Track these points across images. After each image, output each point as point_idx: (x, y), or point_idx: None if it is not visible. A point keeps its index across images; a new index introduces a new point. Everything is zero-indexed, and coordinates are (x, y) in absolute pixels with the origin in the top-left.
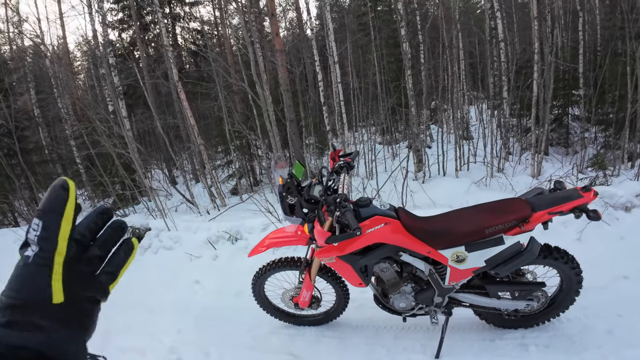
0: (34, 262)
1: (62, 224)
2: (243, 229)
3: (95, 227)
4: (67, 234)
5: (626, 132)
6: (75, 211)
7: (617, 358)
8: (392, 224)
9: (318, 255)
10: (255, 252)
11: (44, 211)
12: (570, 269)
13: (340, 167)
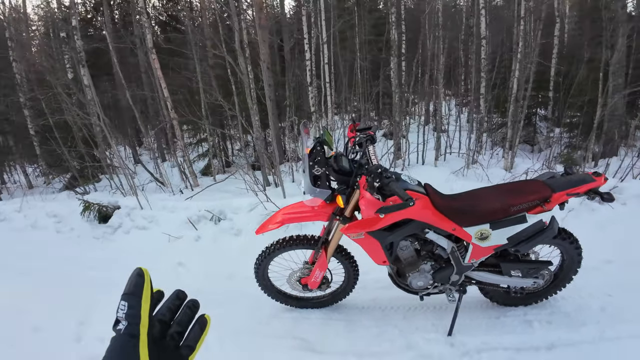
0: (125, 334)
1: (142, 303)
2: (228, 209)
3: (174, 307)
4: (147, 309)
5: (593, 134)
6: (151, 291)
7: (613, 332)
8: (422, 200)
9: (346, 231)
10: (264, 229)
11: (127, 294)
12: (574, 249)
13: (364, 139)
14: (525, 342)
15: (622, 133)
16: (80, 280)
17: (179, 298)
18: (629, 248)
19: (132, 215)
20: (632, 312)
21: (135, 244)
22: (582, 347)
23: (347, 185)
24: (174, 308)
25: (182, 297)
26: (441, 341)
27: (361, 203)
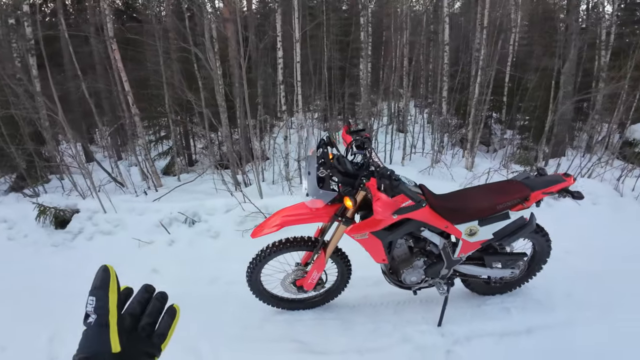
0: (95, 325)
1: (109, 295)
2: (202, 211)
3: (144, 301)
4: (115, 300)
5: (544, 137)
6: (117, 285)
7: (581, 316)
8: None
9: (351, 232)
10: (261, 233)
11: (95, 289)
12: (545, 241)
13: (362, 141)
14: (507, 327)
15: (570, 136)
16: (44, 292)
17: (147, 292)
18: (585, 239)
19: (94, 219)
20: (593, 297)
21: (101, 250)
22: (556, 329)
23: (352, 187)
24: (143, 302)
25: (151, 291)
26: (433, 332)
27: (377, 204)
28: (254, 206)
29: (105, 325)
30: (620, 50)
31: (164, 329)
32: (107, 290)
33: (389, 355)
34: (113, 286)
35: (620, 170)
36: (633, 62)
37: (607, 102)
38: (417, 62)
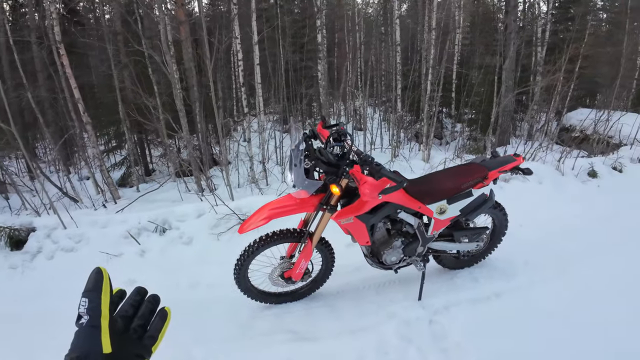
0: (87, 326)
1: (102, 297)
2: (172, 218)
3: (136, 304)
4: (107, 302)
5: (491, 128)
6: (110, 286)
7: (540, 278)
8: None
9: (337, 217)
10: (249, 228)
11: (87, 291)
12: (502, 215)
13: (339, 134)
14: (478, 294)
15: (513, 126)
16: (6, 317)
17: (139, 294)
18: (535, 214)
19: (53, 236)
20: (547, 261)
21: (65, 268)
22: (520, 291)
23: (335, 175)
24: (135, 304)
25: (143, 293)
26: (415, 306)
27: (365, 187)
28: (228, 208)
29: (97, 327)
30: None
31: (154, 331)
32: (100, 292)
33: (378, 332)
34: (106, 288)
35: (559, 153)
36: (567, 56)
37: (544, 93)
38: (370, 62)
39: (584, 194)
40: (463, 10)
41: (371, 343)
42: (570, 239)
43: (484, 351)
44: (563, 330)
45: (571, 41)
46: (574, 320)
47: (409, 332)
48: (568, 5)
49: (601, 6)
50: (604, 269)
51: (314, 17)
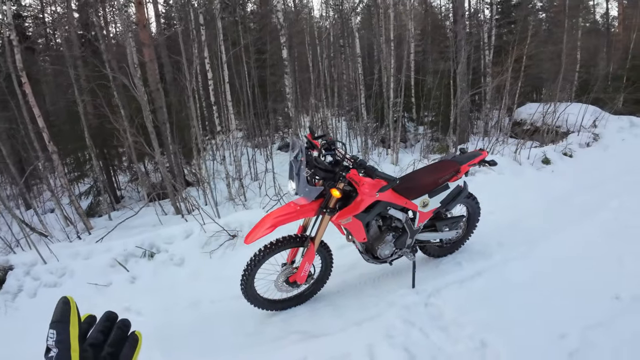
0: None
1: (70, 329)
2: (159, 241)
3: (106, 330)
4: (76, 334)
5: (451, 129)
6: (78, 316)
7: (513, 256)
8: None
9: (337, 218)
10: (256, 237)
11: (55, 322)
12: (475, 204)
13: (329, 144)
14: (463, 275)
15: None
16: None
17: (109, 320)
18: (500, 201)
19: (33, 273)
20: (516, 240)
21: (50, 305)
22: (497, 268)
23: (333, 180)
24: (105, 330)
25: (113, 319)
26: (410, 293)
27: (365, 187)
28: (218, 225)
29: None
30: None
31: (125, 358)
32: (68, 324)
33: (382, 320)
34: (74, 319)
35: (515, 146)
36: (513, 58)
37: (495, 92)
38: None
39: (540, 179)
40: (414, 21)
41: (378, 330)
42: (534, 220)
43: (476, 322)
44: (538, 298)
45: (515, 43)
46: (546, 288)
47: (409, 316)
48: (510, 10)
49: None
50: (566, 243)
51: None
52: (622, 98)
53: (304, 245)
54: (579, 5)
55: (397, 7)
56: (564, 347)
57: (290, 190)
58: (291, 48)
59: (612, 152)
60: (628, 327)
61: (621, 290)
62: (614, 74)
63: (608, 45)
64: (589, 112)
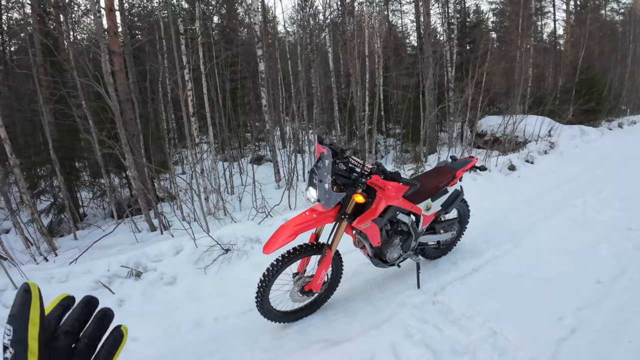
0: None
1: (29, 327)
2: (145, 259)
3: (83, 317)
4: (36, 334)
5: (422, 140)
6: (41, 309)
7: (501, 252)
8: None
9: (357, 223)
10: (275, 247)
11: (13, 316)
12: (465, 206)
13: (340, 150)
14: (461, 273)
15: (436, 135)
16: None
17: (88, 306)
18: (478, 204)
19: (3, 300)
20: (501, 237)
21: None
22: (490, 264)
23: (354, 186)
24: (82, 318)
25: (93, 305)
26: (417, 293)
27: (391, 190)
28: (213, 239)
29: None
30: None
31: (106, 355)
32: (27, 321)
33: (398, 320)
34: (34, 313)
35: (483, 154)
36: (476, 74)
37: (463, 106)
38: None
39: (509, 184)
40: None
41: (397, 330)
42: (510, 219)
43: (484, 313)
44: (532, 286)
45: (476, 60)
46: (534, 277)
47: (421, 314)
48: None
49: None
50: (544, 237)
51: (246, 45)
52: (572, 109)
53: (322, 252)
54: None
55: (368, 25)
56: (564, 327)
57: (309, 197)
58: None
59: (568, 158)
60: (613, 304)
61: (600, 275)
62: (562, 87)
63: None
64: (544, 123)
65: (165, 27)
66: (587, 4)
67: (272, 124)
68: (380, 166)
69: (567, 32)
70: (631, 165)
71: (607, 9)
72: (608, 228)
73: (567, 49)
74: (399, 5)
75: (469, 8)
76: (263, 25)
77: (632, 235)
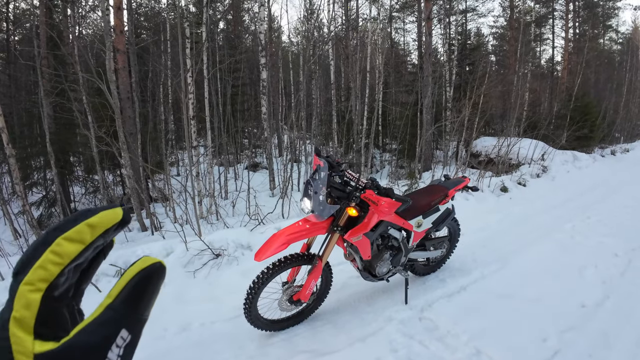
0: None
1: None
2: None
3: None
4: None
5: (417, 157)
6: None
7: (489, 271)
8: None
9: (349, 236)
10: (266, 255)
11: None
12: (457, 225)
13: (336, 163)
14: (449, 291)
15: (431, 153)
16: None
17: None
18: (468, 223)
19: None
20: (489, 256)
21: None
22: (477, 283)
23: (348, 200)
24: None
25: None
26: (404, 309)
27: (384, 206)
28: (204, 243)
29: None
30: (460, 84)
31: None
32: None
33: (384, 334)
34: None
35: (476, 175)
36: (475, 95)
37: (460, 126)
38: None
39: (500, 205)
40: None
41: (382, 345)
42: (499, 240)
43: (469, 332)
44: (518, 307)
45: (474, 82)
46: (521, 297)
47: (407, 330)
48: (468, 53)
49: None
50: (532, 259)
51: (250, 52)
52: (566, 135)
53: (312, 263)
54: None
55: (370, 41)
56: (548, 348)
57: (304, 208)
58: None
59: (559, 182)
60: (597, 329)
61: (585, 299)
62: (557, 113)
63: (552, 88)
64: (538, 147)
65: (171, 29)
66: (586, 32)
67: (271, 132)
68: (374, 181)
69: (564, 59)
70: (621, 192)
71: (605, 38)
72: (595, 253)
73: (564, 76)
74: (402, 23)
75: (470, 30)
76: (268, 35)
77: (618, 261)
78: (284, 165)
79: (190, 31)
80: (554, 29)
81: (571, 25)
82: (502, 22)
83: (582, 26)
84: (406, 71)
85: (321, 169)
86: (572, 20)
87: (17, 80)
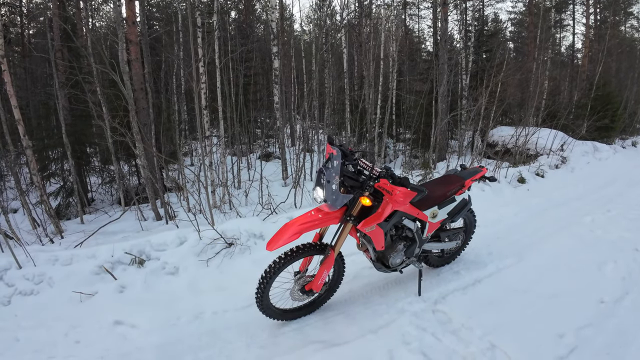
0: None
1: None
2: (149, 248)
3: None
4: None
5: (432, 147)
6: None
7: (504, 265)
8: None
9: (363, 226)
10: (278, 244)
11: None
12: (472, 217)
13: (349, 151)
14: (463, 283)
15: (446, 143)
16: None
17: None
18: (484, 215)
19: (6, 278)
20: (505, 250)
21: (26, 315)
22: (493, 276)
23: (361, 189)
24: None
25: None
26: (417, 300)
27: (399, 195)
28: (216, 232)
29: None
30: (477, 72)
31: None
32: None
33: (396, 326)
34: None
35: (492, 165)
36: (489, 84)
37: (476, 115)
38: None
39: (517, 196)
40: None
41: (395, 337)
42: (516, 232)
43: (484, 326)
44: (534, 302)
45: (491, 70)
46: (537, 292)
47: (420, 322)
48: (485, 39)
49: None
50: (549, 253)
51: (261, 42)
52: (586, 125)
53: (325, 253)
54: (549, 38)
55: (384, 28)
56: (564, 345)
57: (316, 197)
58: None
59: (579, 174)
60: (615, 326)
61: (604, 295)
62: (577, 102)
63: (572, 76)
64: (557, 137)
65: (182, 19)
66: (608, 19)
67: (283, 122)
68: (389, 170)
69: (585, 47)
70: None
71: (627, 25)
72: (615, 248)
73: (585, 64)
74: (416, 10)
75: (488, 16)
76: (280, 23)
77: (638, 256)
78: (296, 154)
79: (202, 20)
80: (575, 15)
81: (592, 12)
82: (520, 7)
83: (603, 12)
84: (421, 59)
85: (334, 158)
86: (593, 6)
87: (33, 73)
